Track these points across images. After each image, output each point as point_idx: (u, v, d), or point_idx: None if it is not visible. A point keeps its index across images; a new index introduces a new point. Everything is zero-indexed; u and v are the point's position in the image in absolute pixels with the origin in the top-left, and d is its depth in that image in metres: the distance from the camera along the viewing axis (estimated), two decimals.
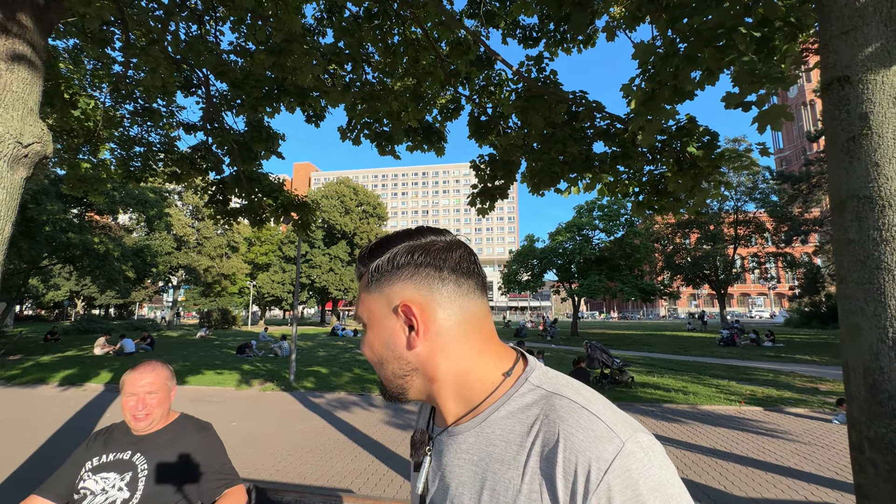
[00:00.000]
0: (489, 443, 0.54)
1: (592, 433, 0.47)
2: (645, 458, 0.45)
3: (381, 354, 0.60)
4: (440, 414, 0.62)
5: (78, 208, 18.20)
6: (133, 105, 6.69)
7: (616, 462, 0.45)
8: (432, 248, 0.59)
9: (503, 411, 0.54)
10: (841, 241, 1.51)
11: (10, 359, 12.72)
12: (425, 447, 0.63)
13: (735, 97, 2.60)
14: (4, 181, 2.14)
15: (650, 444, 0.47)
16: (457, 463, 0.57)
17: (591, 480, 0.44)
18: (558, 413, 0.50)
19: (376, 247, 0.62)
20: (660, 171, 4.48)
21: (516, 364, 0.59)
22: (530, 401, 0.53)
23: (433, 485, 0.60)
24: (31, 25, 2.29)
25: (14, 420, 6.22)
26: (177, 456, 1.44)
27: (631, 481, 0.44)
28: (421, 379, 0.58)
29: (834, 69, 1.54)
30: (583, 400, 0.51)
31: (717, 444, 5.13)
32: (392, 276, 0.58)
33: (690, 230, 30.17)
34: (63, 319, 42.04)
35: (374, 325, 0.60)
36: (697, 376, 10.01)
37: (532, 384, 0.55)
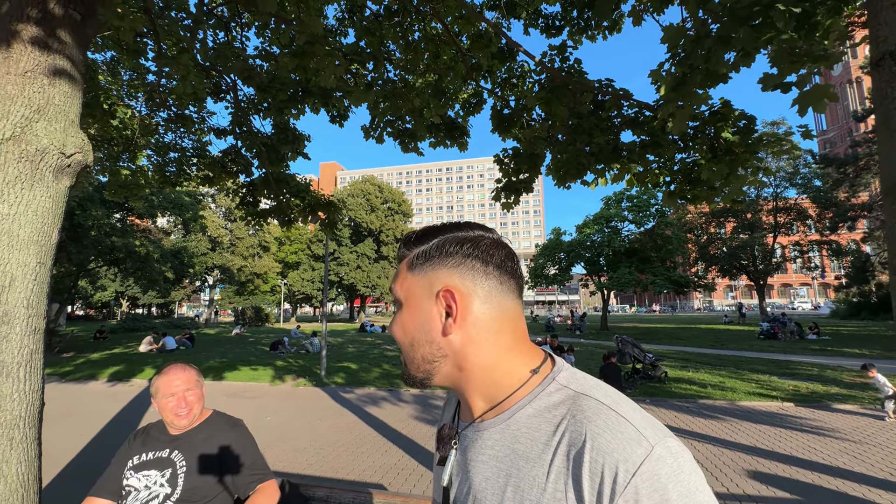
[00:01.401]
0: (515, 440, 0.54)
1: (621, 435, 0.47)
2: (675, 464, 0.45)
3: (413, 336, 0.60)
4: (465, 408, 0.63)
5: (120, 213, 19.16)
6: (167, 112, 6.96)
7: (645, 465, 0.44)
8: (481, 242, 0.60)
9: (530, 409, 0.55)
10: (892, 227, 1.40)
11: (64, 356, 13.57)
12: (452, 441, 0.63)
13: (773, 78, 2.45)
14: (51, 190, 2.25)
15: (680, 449, 0.47)
16: (481, 459, 0.57)
17: (618, 482, 0.44)
18: (585, 413, 0.50)
19: (424, 233, 0.64)
20: (692, 158, 4.31)
21: (544, 363, 0.60)
22: (557, 400, 0.54)
23: (457, 479, 0.61)
24: (69, 41, 2.39)
25: (69, 414, 6.62)
26: (212, 452, 1.49)
27: (660, 485, 0.43)
28: (450, 367, 0.59)
29: (885, 43, 1.42)
30: (611, 402, 0.51)
31: (757, 441, 4.92)
32: (439, 262, 0.60)
33: (726, 219, 28.93)
34: (110, 319, 44.45)
35: (412, 306, 0.61)
36: (735, 371, 9.63)
37: (559, 384, 0.56)
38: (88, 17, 2.53)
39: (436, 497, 0.66)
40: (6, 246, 2.07)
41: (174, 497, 1.40)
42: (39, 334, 2.19)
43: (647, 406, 6.73)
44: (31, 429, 2.16)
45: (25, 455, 2.11)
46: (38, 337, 2.18)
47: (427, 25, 5.11)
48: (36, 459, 2.21)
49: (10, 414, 2.04)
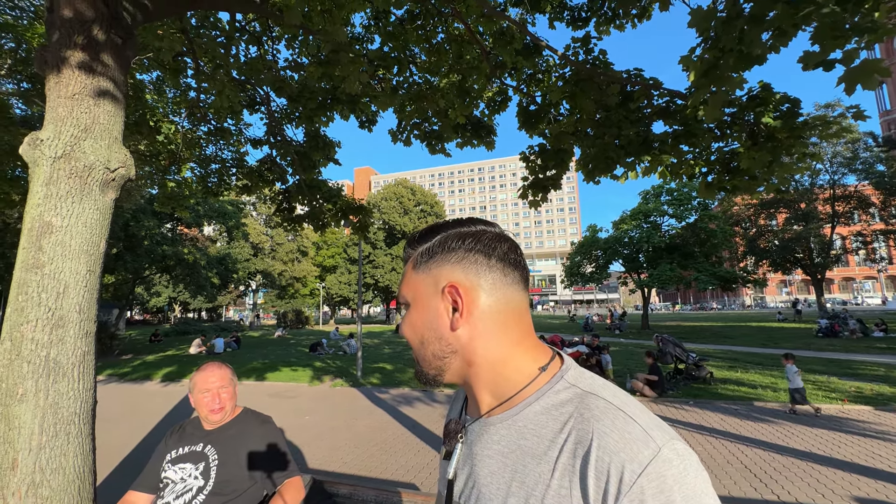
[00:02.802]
0: (521, 436, 0.54)
1: (628, 435, 0.47)
2: (681, 466, 0.45)
3: (422, 334, 0.61)
4: (473, 403, 0.64)
5: (170, 223, 20.40)
6: (207, 126, 7.34)
7: (651, 466, 0.44)
8: (483, 236, 0.61)
9: (537, 406, 0.55)
10: None
11: (123, 358, 14.55)
12: (458, 436, 0.64)
13: (815, 56, 2.28)
14: (98, 203, 2.42)
15: (686, 452, 0.47)
16: (487, 453, 0.57)
17: (624, 482, 0.44)
18: (593, 412, 0.50)
19: (427, 232, 0.65)
20: (731, 147, 4.09)
21: (552, 361, 0.60)
22: (565, 398, 0.54)
23: (462, 473, 0.61)
24: (112, 63, 2.57)
25: (127, 412, 7.10)
26: (242, 447, 1.56)
27: (665, 487, 0.43)
28: (459, 362, 0.59)
29: None
30: (619, 402, 0.51)
31: (813, 447, 4.59)
32: (442, 258, 0.61)
33: (777, 210, 27.21)
34: (164, 322, 47.32)
35: (419, 305, 0.62)
36: None
37: (568, 382, 0.56)
38: (128, 40, 2.70)
39: (441, 490, 0.67)
40: (60, 256, 2.24)
41: (207, 490, 1.47)
42: (91, 337, 2.36)
43: (692, 408, 6.44)
44: (86, 425, 2.33)
45: (81, 449, 2.28)
46: (89, 340, 2.34)
47: (450, 26, 5.12)
48: (90, 453, 2.37)
49: (66, 411, 2.20)
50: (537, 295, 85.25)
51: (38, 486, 2.09)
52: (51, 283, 2.20)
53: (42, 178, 2.26)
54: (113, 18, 2.59)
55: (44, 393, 2.14)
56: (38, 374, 2.13)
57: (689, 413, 6.17)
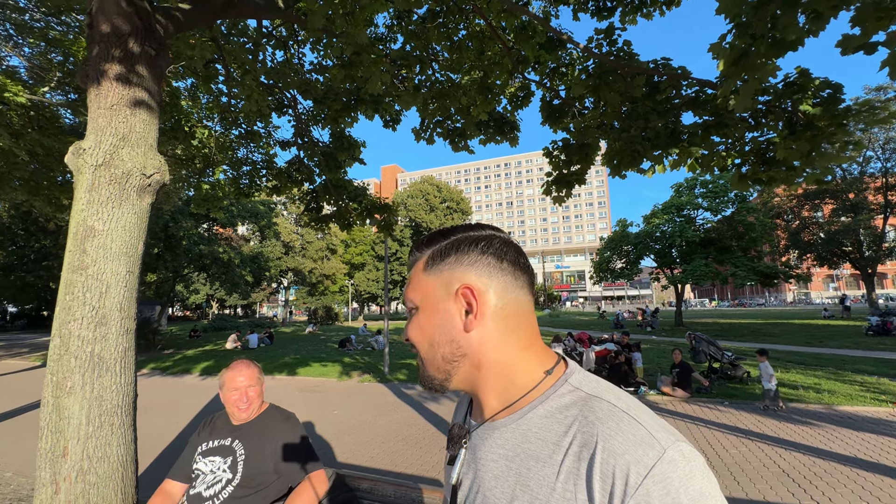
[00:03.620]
0: (525, 439, 0.54)
1: (633, 437, 0.47)
2: (687, 468, 0.45)
3: (432, 337, 0.61)
4: (478, 407, 0.64)
5: (206, 223, 21.26)
6: (238, 130, 7.60)
7: (656, 468, 0.44)
8: (493, 240, 0.62)
9: (541, 410, 0.55)
10: None
11: (165, 353, 15.31)
12: (462, 440, 0.64)
13: (855, 39, 2.15)
14: (135, 207, 2.56)
15: (692, 453, 0.46)
16: (491, 457, 0.57)
17: (629, 484, 0.44)
18: (597, 415, 0.50)
19: (436, 235, 0.65)
20: (766, 136, 3.90)
21: (557, 364, 0.60)
22: (569, 401, 0.54)
23: (466, 477, 0.61)
24: (146, 74, 2.70)
25: (168, 404, 7.47)
26: (267, 442, 1.62)
27: (671, 489, 0.43)
28: (468, 366, 0.59)
29: None
30: (623, 405, 0.52)
31: (858, 451, 4.34)
32: (455, 260, 0.61)
33: (822, 201, 25.72)
34: (203, 319, 49.38)
35: (429, 308, 0.61)
36: (835, 372, 8.55)
37: (572, 385, 0.56)
38: (161, 51, 2.83)
39: (446, 495, 0.67)
40: (102, 258, 2.38)
41: (234, 482, 1.54)
42: (131, 334, 2.50)
43: (727, 409, 6.21)
44: (128, 416, 2.48)
45: (123, 439, 2.43)
46: (129, 336, 2.48)
47: (471, 23, 5.09)
48: (132, 443, 2.52)
49: (109, 403, 2.35)
50: (565, 291, 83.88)
51: (86, 472, 2.25)
52: (94, 284, 2.34)
53: (85, 185, 2.41)
54: (147, 31, 2.71)
55: (90, 386, 2.29)
56: (85, 368, 2.28)
57: (724, 414, 5.95)
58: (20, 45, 7.68)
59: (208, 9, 3.27)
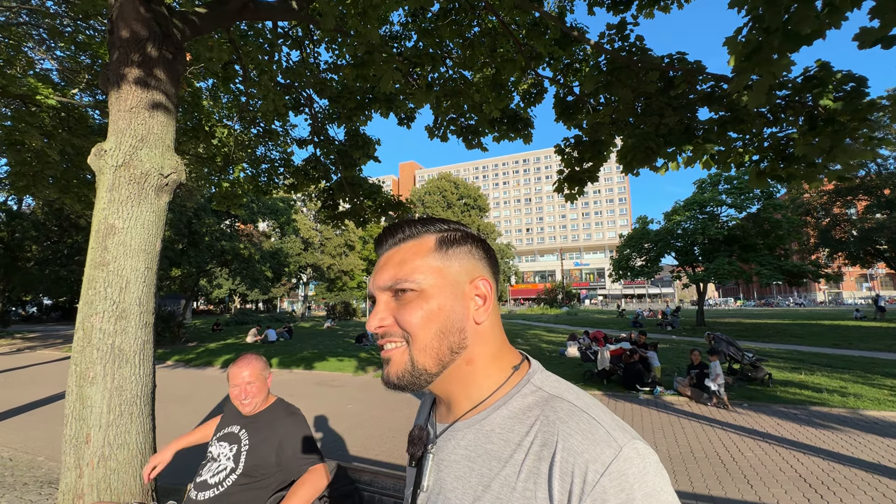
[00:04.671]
0: (487, 440, 0.55)
1: (591, 436, 0.48)
2: (641, 464, 0.46)
3: (444, 324, 0.57)
4: (444, 409, 0.64)
5: (228, 220, 21.81)
6: (256, 129, 7.77)
7: (613, 465, 0.45)
8: (475, 236, 0.64)
9: (504, 411, 0.56)
10: None
11: (189, 345, 15.80)
12: (423, 442, 0.64)
13: (873, 33, 2.07)
14: (154, 206, 2.67)
15: (646, 451, 0.48)
16: (454, 458, 0.58)
17: (587, 482, 0.45)
18: (558, 415, 0.51)
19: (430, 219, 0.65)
20: (786, 132, 3.79)
21: (522, 363, 0.62)
22: (531, 402, 0.55)
23: (429, 479, 0.61)
24: (164, 77, 2.80)
25: (191, 395, 7.74)
26: (271, 435, 1.68)
27: (626, 485, 0.45)
28: (461, 361, 0.58)
29: None
30: (582, 404, 0.53)
31: (884, 458, 4.19)
32: (469, 251, 0.62)
33: (855, 197, 24.67)
34: (225, 312, 50.70)
35: (445, 293, 0.58)
36: (863, 375, 8.25)
37: (534, 385, 0.57)
38: (178, 55, 2.93)
39: (406, 496, 0.66)
40: (122, 254, 2.49)
41: (238, 471, 1.61)
42: (149, 327, 2.61)
43: (745, 411, 6.07)
44: (146, 406, 2.59)
45: (142, 428, 2.54)
46: (148, 329, 2.59)
47: (483, 20, 5.08)
48: (150, 432, 2.64)
49: (129, 393, 2.47)
50: (584, 289, 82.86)
51: (107, 459, 2.36)
52: (115, 279, 2.46)
53: (106, 185, 2.52)
54: (165, 36, 2.81)
55: (111, 377, 2.41)
56: (106, 359, 2.40)
57: (742, 416, 5.82)
58: (52, 49, 8.02)
59: (224, 12, 3.36)
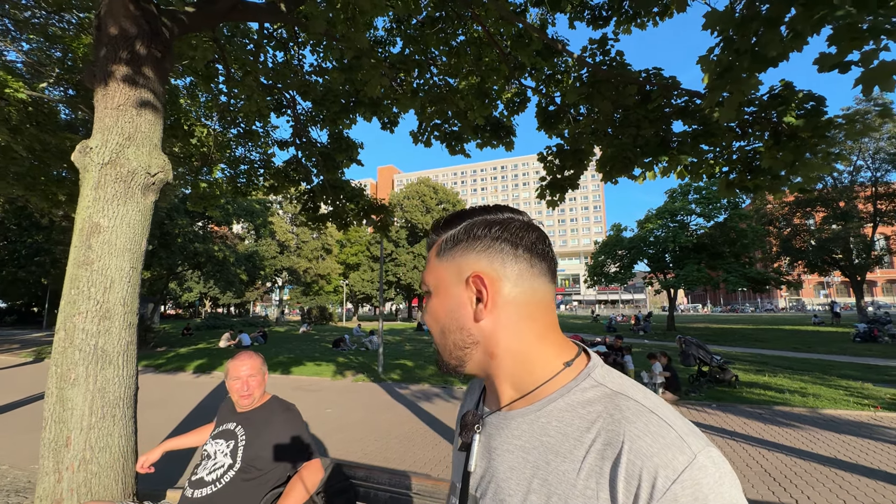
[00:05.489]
0: (544, 432, 0.53)
1: (662, 440, 0.46)
2: (717, 474, 0.44)
3: (444, 323, 0.60)
4: (493, 395, 0.62)
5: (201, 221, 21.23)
6: (237, 129, 7.66)
7: (686, 473, 0.43)
8: (510, 224, 0.59)
9: (562, 403, 0.54)
10: None
11: (158, 350, 15.26)
12: (475, 427, 0.62)
13: (831, 58, 2.26)
14: (140, 205, 2.63)
15: (721, 460, 0.45)
16: (506, 448, 0.56)
17: (656, 487, 0.43)
18: (624, 414, 0.49)
19: (453, 218, 0.63)
20: (753, 146, 4.03)
21: (578, 357, 0.58)
22: (592, 397, 0.52)
23: (480, 466, 0.60)
24: (152, 76, 2.78)
25: (162, 401, 7.49)
26: (267, 431, 1.70)
27: (700, 495, 0.42)
28: (481, 353, 0.58)
29: None
30: (651, 404, 0.50)
31: (838, 453, 4.47)
32: (467, 246, 0.59)
33: (813, 208, 26.04)
34: (195, 317, 49.09)
35: (441, 294, 0.60)
36: (821, 376, 8.73)
37: (595, 380, 0.54)
38: (166, 53, 2.91)
39: (455, 481, 0.66)
40: (107, 254, 2.45)
41: (235, 468, 1.62)
42: (133, 328, 2.57)
43: (714, 412, 6.34)
44: (129, 408, 2.54)
45: (125, 430, 2.49)
46: (132, 330, 2.55)
47: (469, 29, 5.19)
48: (133, 434, 2.59)
49: (112, 395, 2.42)
50: (560, 294, 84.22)
51: (89, 462, 2.31)
52: (99, 279, 2.41)
53: (91, 183, 2.48)
54: (153, 34, 2.79)
55: (93, 378, 2.36)
56: (88, 360, 2.35)
57: (711, 416, 6.07)
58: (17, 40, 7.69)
59: (213, 12, 3.35)
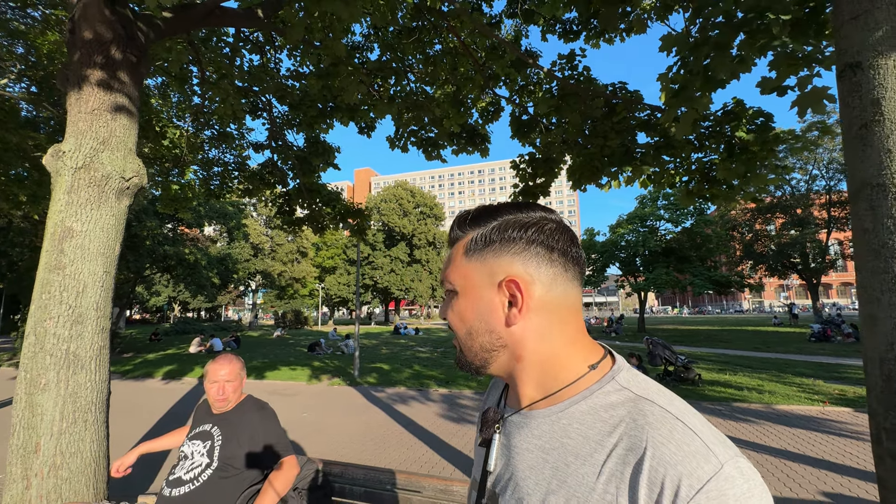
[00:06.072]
0: (565, 434, 0.53)
1: (687, 448, 0.44)
2: (745, 486, 0.42)
3: (472, 325, 0.58)
4: (514, 394, 0.62)
5: (171, 223, 20.62)
6: (210, 131, 7.55)
7: (711, 483, 0.42)
8: (545, 226, 0.57)
9: (584, 405, 0.53)
10: (857, 230, 1.48)
11: (124, 356, 14.73)
12: (496, 425, 0.62)
13: (771, 82, 2.50)
14: (114, 209, 2.63)
15: (751, 471, 0.44)
16: (526, 447, 0.56)
17: (679, 497, 0.42)
18: (648, 419, 0.48)
19: (481, 214, 0.60)
20: (710, 158, 4.31)
21: (603, 359, 0.57)
22: (616, 401, 0.52)
23: (499, 464, 0.60)
24: (127, 80, 2.78)
25: (129, 408, 7.28)
26: (243, 430, 1.76)
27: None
28: (507, 356, 0.57)
29: (846, 55, 1.50)
30: (676, 411, 0.49)
31: (788, 445, 4.79)
32: (501, 248, 0.57)
33: (773, 215, 27.44)
34: (164, 322, 47.43)
35: (470, 295, 0.59)
36: (778, 374, 9.23)
37: (619, 384, 0.53)
38: (142, 58, 2.92)
39: (475, 476, 0.66)
40: (80, 258, 2.45)
41: (212, 467, 1.68)
42: (106, 332, 2.57)
43: None
44: (101, 413, 2.54)
45: (97, 435, 2.49)
46: (105, 335, 2.55)
47: (445, 39, 5.33)
48: (105, 440, 2.59)
49: (84, 400, 2.42)
50: None
51: (59, 468, 2.30)
52: (71, 283, 2.41)
53: (64, 187, 2.47)
54: (129, 39, 2.80)
55: (64, 383, 2.35)
56: (60, 365, 2.34)
57: None
58: None
59: (190, 17, 3.36)
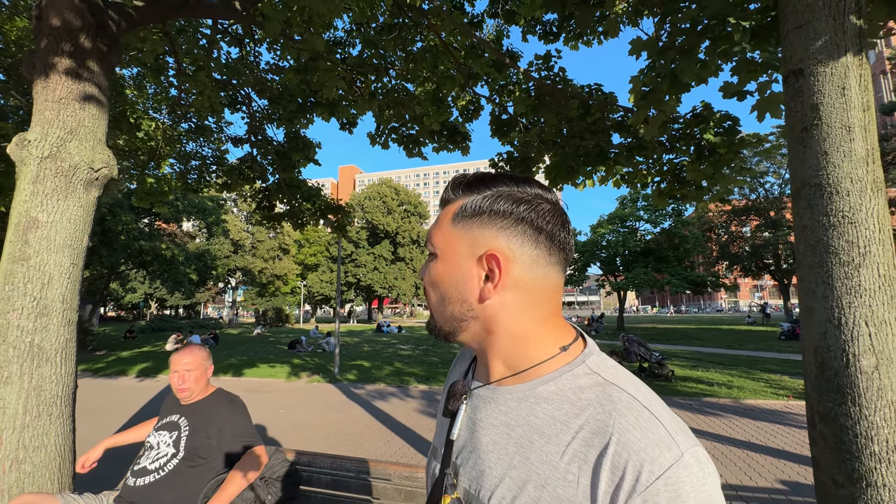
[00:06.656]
0: (531, 412, 0.53)
1: (652, 435, 0.46)
2: (700, 474, 0.44)
3: (445, 292, 0.58)
4: (483, 368, 0.62)
5: (148, 218, 20.12)
6: (188, 124, 7.42)
7: (671, 471, 0.43)
8: (539, 206, 0.56)
9: (553, 386, 0.53)
10: (797, 227, 1.57)
11: (97, 354, 14.35)
12: (463, 397, 0.62)
13: (733, 87, 2.61)
14: (81, 200, 2.59)
15: (706, 460, 0.46)
16: (491, 422, 0.56)
17: (640, 481, 0.43)
18: (615, 405, 0.49)
19: (477, 182, 0.59)
20: (680, 159, 4.44)
21: (574, 342, 0.58)
22: (584, 384, 0.52)
23: (463, 435, 0.60)
24: (97, 69, 2.74)
25: (101, 407, 7.12)
26: (210, 421, 1.78)
27: (682, 493, 0.42)
28: (478, 327, 0.57)
29: (790, 62, 1.60)
30: (643, 398, 0.50)
31: (752, 437, 4.98)
32: (488, 220, 0.56)
33: (748, 217, 28.29)
34: (139, 319, 46.22)
35: (448, 261, 0.58)
36: (747, 371, 9.56)
37: (589, 368, 0.53)
38: (113, 47, 2.88)
39: (437, 445, 0.66)
40: (45, 249, 2.41)
41: (179, 456, 1.69)
42: (73, 325, 2.54)
43: None
44: (67, 407, 2.50)
45: (62, 429, 2.45)
46: (71, 328, 2.52)
47: (426, 37, 5.36)
48: (70, 434, 2.55)
49: (48, 394, 2.38)
50: None
51: (21, 462, 2.26)
52: (36, 275, 2.37)
53: (29, 177, 2.43)
54: (99, 27, 2.75)
55: (28, 376, 2.31)
56: (23, 358, 2.30)
57: None
58: None
59: (164, 7, 3.31)
